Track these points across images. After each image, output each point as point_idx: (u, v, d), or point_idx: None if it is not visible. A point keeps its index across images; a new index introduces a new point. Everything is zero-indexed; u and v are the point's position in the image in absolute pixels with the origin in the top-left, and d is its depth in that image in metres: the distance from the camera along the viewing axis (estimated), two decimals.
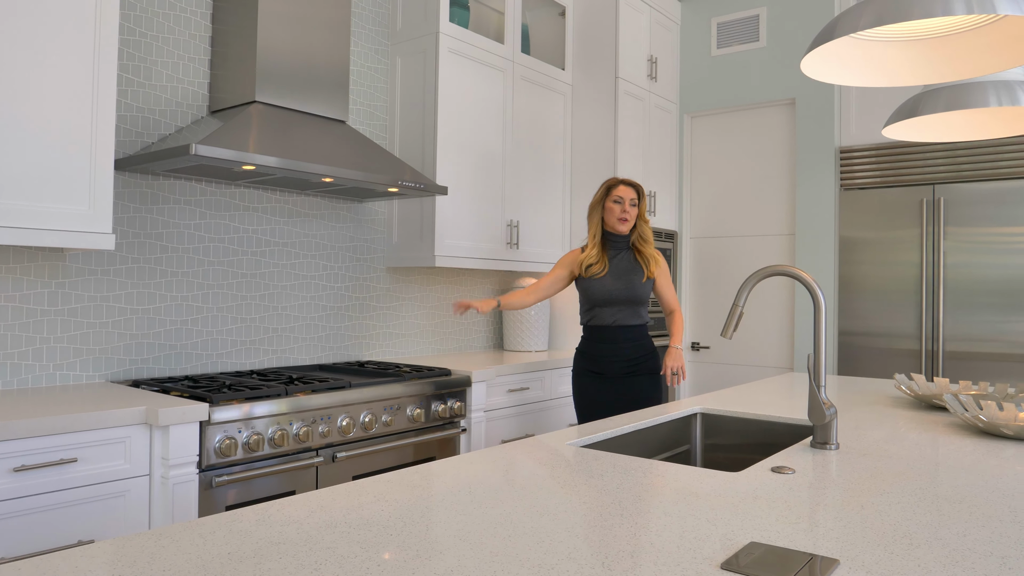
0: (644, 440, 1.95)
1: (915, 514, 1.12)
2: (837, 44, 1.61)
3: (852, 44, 1.62)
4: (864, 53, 1.64)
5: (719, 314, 4.58)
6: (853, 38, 1.60)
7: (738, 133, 4.53)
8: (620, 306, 2.97)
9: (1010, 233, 3.65)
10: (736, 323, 1.75)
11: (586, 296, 3.00)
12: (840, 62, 1.65)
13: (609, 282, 2.96)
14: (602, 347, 2.98)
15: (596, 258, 2.98)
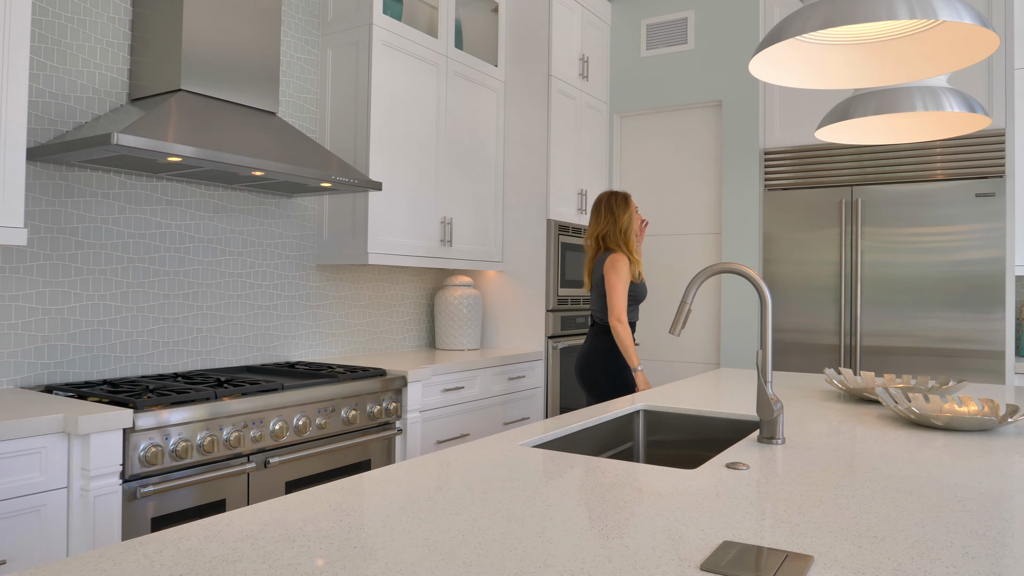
0: (590, 438, 1.94)
1: (872, 506, 1.14)
2: (781, 47, 1.64)
3: (795, 47, 1.65)
4: (806, 56, 1.67)
5: (648, 312, 4.64)
6: (797, 40, 1.63)
7: (666, 133, 4.60)
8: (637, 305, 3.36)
9: (922, 233, 3.83)
10: (684, 320, 1.76)
11: (636, 298, 3.29)
12: (783, 64, 1.68)
13: (644, 285, 3.36)
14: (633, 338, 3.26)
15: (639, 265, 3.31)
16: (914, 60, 1.57)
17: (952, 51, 1.49)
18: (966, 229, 3.76)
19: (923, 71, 1.56)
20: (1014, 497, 1.20)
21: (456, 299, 3.90)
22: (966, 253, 3.75)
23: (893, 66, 1.61)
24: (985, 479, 1.32)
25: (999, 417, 1.77)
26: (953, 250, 3.78)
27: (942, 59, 1.51)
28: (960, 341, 3.76)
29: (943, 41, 1.50)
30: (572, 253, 4.25)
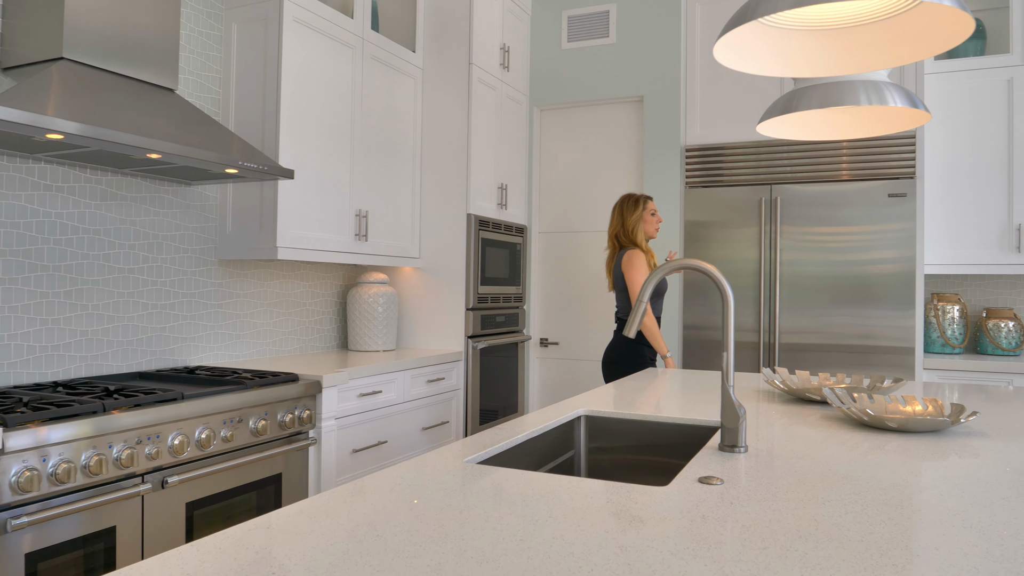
0: (534, 448, 1.79)
1: (872, 524, 1.03)
2: (747, 33, 1.53)
3: (760, 33, 1.55)
4: (771, 42, 1.57)
5: (567, 310, 4.55)
6: (763, 26, 1.53)
7: (587, 128, 4.52)
8: (660, 297, 3.57)
9: (837, 232, 3.89)
10: (640, 320, 1.63)
11: (657, 291, 3.50)
12: (748, 51, 1.58)
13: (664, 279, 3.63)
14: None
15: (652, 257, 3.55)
16: (884, 47, 1.49)
17: (925, 36, 1.42)
18: (879, 229, 3.83)
19: (893, 58, 1.49)
20: (1014, 508, 1.12)
21: (371, 297, 3.68)
22: (879, 252, 3.83)
23: (862, 53, 1.53)
24: (970, 488, 1.25)
25: (952, 418, 1.73)
26: (867, 249, 3.85)
27: (914, 45, 1.44)
28: (873, 338, 3.84)
29: (915, 26, 1.42)
30: (493, 249, 4.10)
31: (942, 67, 4.00)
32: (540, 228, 4.64)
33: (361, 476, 3.07)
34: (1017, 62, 3.91)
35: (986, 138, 3.96)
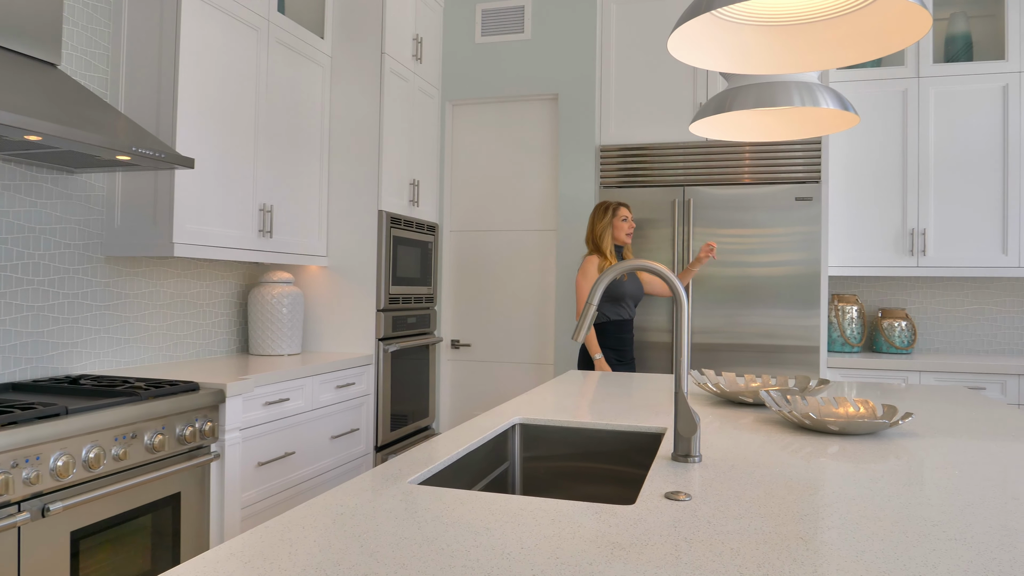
0: (469, 462, 1.67)
1: (860, 541, 0.97)
2: (702, 26, 1.46)
3: (716, 26, 1.49)
4: (726, 37, 1.51)
5: (480, 310, 4.44)
6: (718, 19, 1.47)
7: (501, 125, 4.42)
8: (635, 300, 3.70)
9: (747, 234, 3.95)
10: (589, 324, 1.54)
11: (615, 293, 3.62)
12: (701, 45, 1.51)
13: (630, 283, 3.68)
14: (625, 336, 3.68)
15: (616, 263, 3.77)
16: (840, 44, 1.46)
17: (882, 34, 1.39)
18: (787, 231, 3.92)
19: (849, 56, 1.45)
20: (983, 513, 1.10)
21: (275, 298, 3.44)
22: (786, 254, 3.92)
23: (816, 51, 1.49)
24: (934, 495, 1.22)
25: (889, 419, 1.73)
26: (775, 251, 3.93)
27: (871, 42, 1.41)
28: (780, 337, 3.93)
29: (872, 23, 1.39)
30: (405, 248, 3.94)
31: (844, 76, 4.14)
32: (452, 227, 4.51)
33: (267, 491, 2.85)
34: (911, 74, 4.09)
35: (884, 146, 4.13)
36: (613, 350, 3.64)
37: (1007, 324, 4.31)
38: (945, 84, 4.06)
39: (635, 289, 3.70)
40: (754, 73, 1.56)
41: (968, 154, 4.05)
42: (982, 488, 1.27)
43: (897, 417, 1.75)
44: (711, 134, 2.29)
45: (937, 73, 4.06)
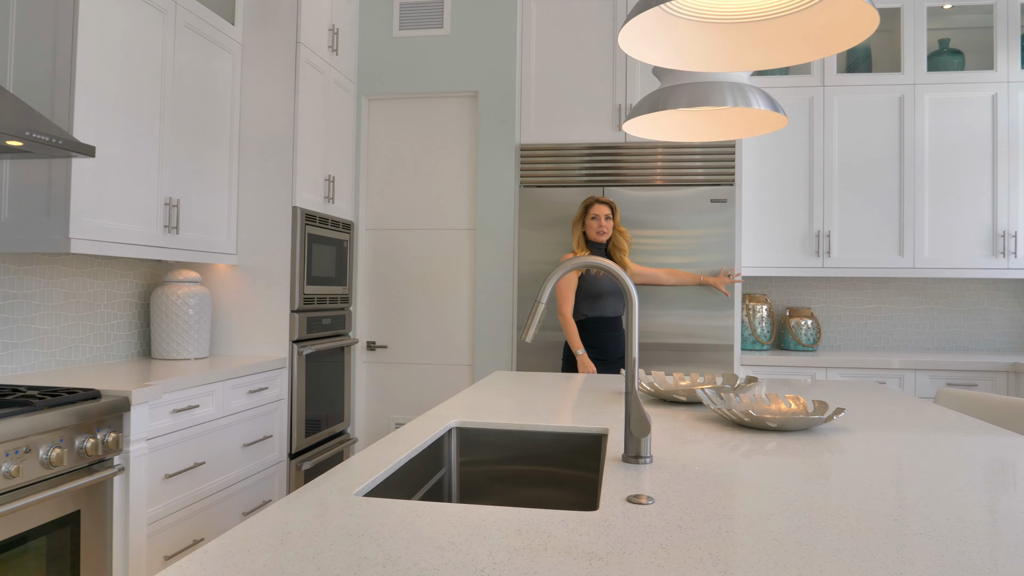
0: (409, 471, 1.59)
1: (833, 539, 0.96)
2: (652, 21, 1.44)
3: (666, 23, 1.46)
4: (675, 33, 1.50)
5: (396, 311, 4.33)
6: (668, 15, 1.45)
7: (420, 122, 4.33)
8: (617, 298, 3.60)
9: (665, 235, 4.01)
10: (537, 322, 1.49)
11: (592, 290, 3.56)
12: (651, 40, 1.49)
13: (608, 278, 3.58)
14: (608, 335, 3.58)
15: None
16: (789, 43, 1.46)
17: (829, 33, 1.40)
18: (702, 233, 4.00)
19: (798, 54, 1.46)
20: (944, 506, 1.11)
21: (180, 298, 3.24)
22: (702, 255, 4.00)
23: (765, 49, 1.49)
24: (885, 489, 1.23)
25: (824, 416, 1.76)
26: (691, 252, 4.00)
27: (820, 41, 1.42)
28: (696, 336, 4.00)
29: (819, 22, 1.40)
30: (321, 246, 3.79)
31: (755, 83, 4.26)
32: (368, 224, 4.38)
33: (176, 504, 2.66)
34: (816, 83, 4.26)
35: (792, 151, 4.28)
36: (593, 348, 3.57)
37: (903, 322, 4.54)
38: (848, 94, 4.25)
39: (616, 285, 3.63)
40: (700, 70, 1.55)
41: (869, 161, 4.24)
42: (926, 481, 1.30)
43: (831, 413, 1.79)
44: (643, 133, 2.29)
45: (841, 83, 4.24)
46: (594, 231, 3.61)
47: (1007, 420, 2.23)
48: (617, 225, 3.66)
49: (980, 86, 4.17)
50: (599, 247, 3.67)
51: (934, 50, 4.35)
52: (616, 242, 3.65)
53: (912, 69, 4.21)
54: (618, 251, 3.65)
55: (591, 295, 3.58)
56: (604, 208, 3.62)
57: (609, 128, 4.10)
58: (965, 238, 4.18)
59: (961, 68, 4.28)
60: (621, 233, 3.66)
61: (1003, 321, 4.48)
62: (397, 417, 4.30)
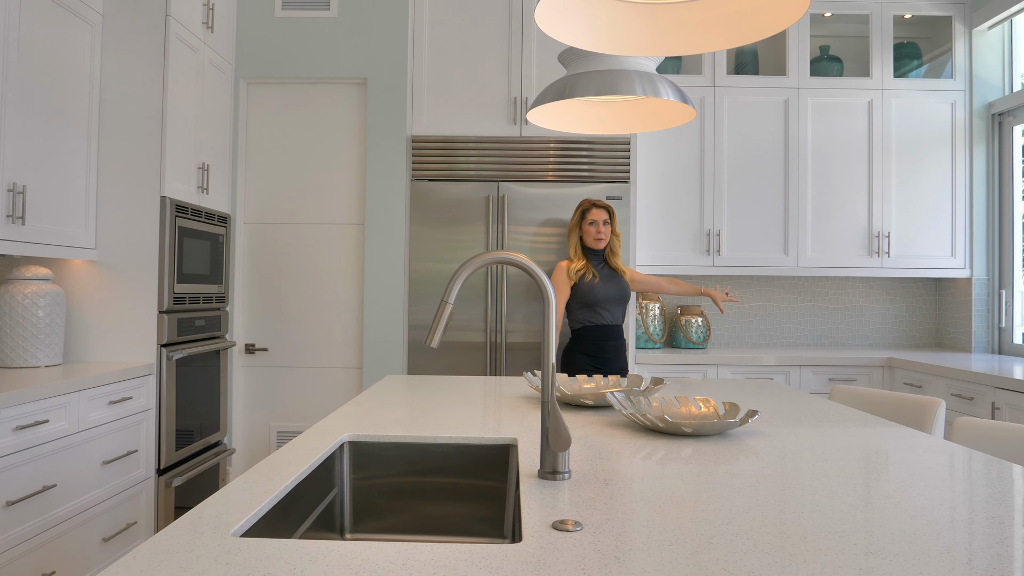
0: (296, 495, 1.40)
1: (787, 566, 0.87)
2: None
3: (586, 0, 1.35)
4: (596, 12, 1.38)
5: (278, 311, 4.04)
6: None
7: (304, 109, 4.06)
8: (616, 305, 3.45)
9: (560, 234, 3.94)
10: (445, 326, 1.34)
11: (587, 298, 3.40)
12: (570, 17, 1.37)
13: (606, 285, 3.43)
14: (606, 343, 3.43)
15: (583, 266, 3.44)
16: (713, 26, 1.38)
17: (757, 17, 1.32)
18: None
19: (722, 39, 1.38)
20: (891, 514, 1.04)
21: (28, 298, 2.86)
22: None
23: (687, 32, 1.40)
24: (812, 498, 1.16)
25: (738, 418, 1.70)
26: None
27: (746, 25, 1.34)
28: None
29: (747, 5, 1.32)
30: (193, 241, 3.47)
31: None
32: (246, 218, 4.07)
33: (20, 535, 2.32)
34: (707, 83, 4.30)
35: (684, 150, 4.31)
36: (591, 357, 3.42)
37: (787, 319, 4.68)
38: (737, 95, 4.32)
39: (614, 292, 3.45)
40: (620, 53, 1.44)
41: (757, 161, 4.33)
42: (855, 488, 1.24)
43: (745, 416, 1.73)
44: (548, 124, 2.18)
45: (730, 84, 4.31)
46: (592, 237, 3.46)
47: (895, 414, 2.27)
48: (614, 229, 3.54)
49: (857, 92, 4.34)
50: (597, 254, 3.52)
51: (816, 56, 4.50)
52: (612, 246, 3.54)
53: (796, 73, 4.33)
54: (613, 255, 3.54)
55: (587, 302, 3.41)
56: (602, 213, 3.48)
57: (504, 121, 3.98)
58: (844, 238, 4.34)
59: (840, 74, 4.44)
60: (616, 237, 3.55)
61: (877, 318, 4.70)
62: (279, 425, 4.02)
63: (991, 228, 4.36)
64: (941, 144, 4.36)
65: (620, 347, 3.47)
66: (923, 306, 4.72)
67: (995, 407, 3.20)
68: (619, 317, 3.49)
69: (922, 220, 4.36)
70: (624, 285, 3.51)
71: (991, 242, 4.36)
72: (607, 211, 3.50)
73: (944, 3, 4.37)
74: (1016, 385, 3.06)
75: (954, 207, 4.35)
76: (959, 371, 3.44)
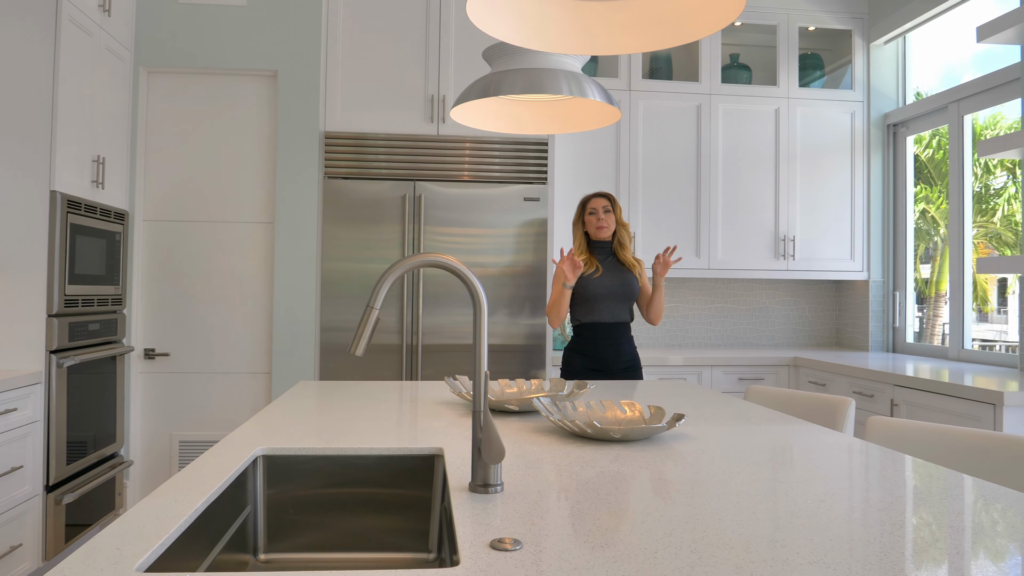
0: (209, 517, 1.29)
1: (737, 573, 0.84)
2: None
3: None
4: (527, 9, 1.33)
5: (180, 314, 3.83)
6: None
7: (211, 101, 3.86)
8: (617, 302, 3.17)
9: (477, 234, 3.89)
10: (371, 332, 1.26)
11: (585, 293, 3.14)
12: (503, 11, 1.32)
13: (607, 280, 3.16)
14: (605, 344, 3.16)
15: (585, 261, 3.18)
16: (644, 26, 1.35)
17: (689, 17, 1.31)
18: (516, 232, 3.93)
19: (654, 40, 1.36)
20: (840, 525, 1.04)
21: None
22: (516, 255, 3.92)
23: (617, 32, 1.37)
24: (758, 506, 1.15)
25: (666, 423, 1.69)
26: (505, 251, 3.92)
27: (678, 26, 1.32)
28: (510, 337, 3.92)
29: (680, 5, 1.31)
30: (87, 239, 3.23)
31: None
32: (147, 215, 3.83)
33: None
34: (623, 87, 4.35)
35: (600, 152, 4.34)
36: (588, 357, 3.16)
37: (698, 320, 4.78)
38: (652, 99, 4.38)
39: (614, 287, 3.15)
40: (549, 50, 1.41)
41: (670, 165, 4.41)
42: (788, 492, 1.24)
43: (672, 420, 1.73)
44: (472, 122, 2.12)
45: (645, 88, 4.36)
46: (593, 227, 3.19)
47: (809, 413, 2.33)
48: (620, 219, 3.25)
49: (765, 100, 4.48)
50: (603, 246, 3.23)
51: (726, 63, 4.62)
52: (620, 238, 3.25)
53: (708, 80, 4.43)
54: (621, 248, 3.24)
55: (585, 298, 3.15)
56: (602, 200, 3.23)
57: (421, 119, 3.90)
58: (753, 241, 4.46)
59: (749, 82, 4.57)
60: (624, 227, 3.25)
61: (782, 318, 4.86)
62: (182, 435, 3.81)
63: (886, 233, 4.59)
64: (842, 152, 4.55)
65: (621, 347, 3.19)
66: (824, 307, 4.92)
67: (894, 403, 3.35)
68: (621, 315, 3.19)
69: (824, 224, 4.54)
70: (630, 280, 3.20)
71: (886, 246, 4.59)
72: (607, 199, 3.25)
73: (845, 17, 4.56)
74: (913, 383, 3.21)
75: (853, 212, 4.55)
76: (860, 370, 3.59)
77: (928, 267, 4.67)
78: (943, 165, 4.61)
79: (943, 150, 6.80)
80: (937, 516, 1.13)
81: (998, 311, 5.32)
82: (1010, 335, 5.68)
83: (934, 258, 4.85)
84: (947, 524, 1.09)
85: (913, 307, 4.54)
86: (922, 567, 0.91)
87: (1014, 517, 1.13)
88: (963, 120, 3.99)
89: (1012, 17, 3.14)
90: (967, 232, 3.95)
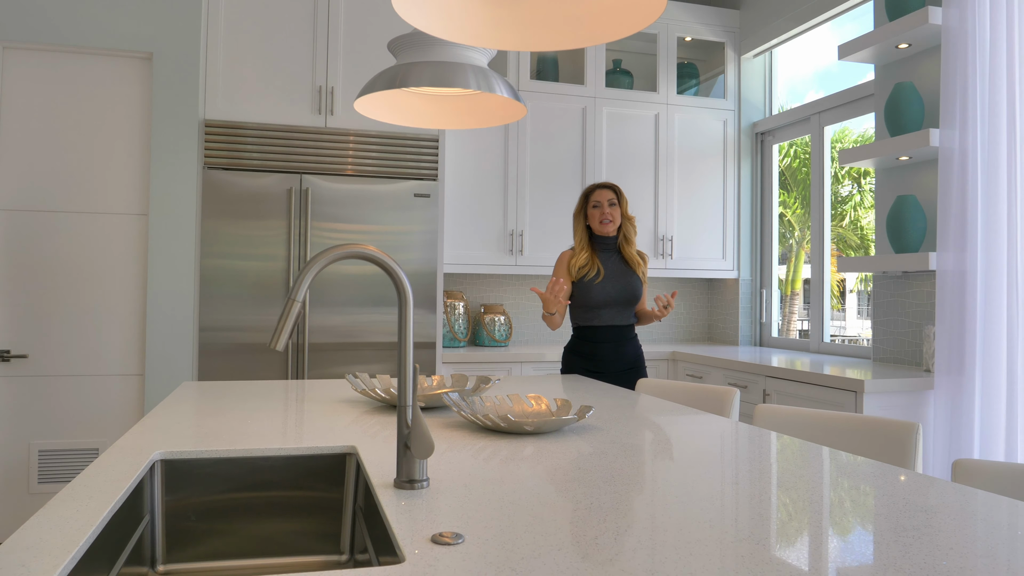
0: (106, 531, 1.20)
1: (681, 559, 0.88)
2: None
3: None
4: None
5: (40, 312, 3.53)
6: None
7: (76, 82, 3.57)
8: (619, 307, 3.06)
9: (367, 230, 3.82)
10: (293, 326, 1.21)
11: (585, 300, 3.04)
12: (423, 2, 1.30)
13: (608, 285, 3.04)
14: (604, 347, 3.07)
15: (586, 261, 3.05)
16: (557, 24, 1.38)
17: (607, 17, 1.34)
18: (406, 229, 3.89)
19: (567, 38, 1.38)
20: None
21: None
22: (407, 252, 3.88)
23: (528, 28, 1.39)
24: (691, 495, 1.20)
25: (577, 415, 1.73)
26: (396, 248, 3.87)
27: (594, 25, 1.35)
28: None
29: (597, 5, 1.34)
30: None
31: None
32: (1, 203, 3.50)
33: None
34: None
35: (490, 150, 4.37)
36: (587, 359, 3.09)
37: None
38: (539, 100, 4.45)
39: (617, 293, 3.04)
40: (470, 44, 1.40)
41: (557, 165, 4.50)
42: (701, 474, 1.30)
43: (581, 411, 1.77)
44: (376, 115, 2.08)
45: (533, 89, 4.43)
46: (597, 221, 3.05)
47: (699, 402, 2.45)
48: (625, 212, 3.11)
49: (646, 105, 4.65)
50: (608, 241, 3.10)
51: (610, 68, 4.76)
52: (626, 232, 3.12)
53: (593, 83, 4.55)
54: (627, 244, 3.12)
55: (585, 304, 3.06)
56: (607, 192, 3.07)
57: (309, 111, 3.78)
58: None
59: (631, 87, 4.74)
60: (629, 221, 3.13)
61: None
62: (42, 443, 3.50)
63: (755, 234, 4.88)
64: (716, 157, 4.80)
65: (622, 348, 3.10)
66: (699, 304, 5.17)
67: (766, 393, 3.57)
68: (624, 317, 3.11)
69: (700, 225, 4.77)
70: (634, 283, 3.10)
71: (755, 246, 4.88)
72: (613, 190, 3.10)
73: (719, 30, 4.81)
74: (784, 373, 3.44)
75: (725, 214, 4.81)
76: (735, 362, 3.80)
77: (784, 268, 5.02)
78: (799, 173, 4.97)
79: (799, 159, 7.33)
80: (821, 477, 1.22)
81: (840, 310, 5.73)
82: (848, 330, 6.17)
83: (789, 259, 5.19)
84: (831, 482, 1.18)
85: (777, 304, 4.86)
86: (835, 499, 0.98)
87: (872, 470, 1.24)
88: (824, 131, 4.31)
89: (869, 38, 3.43)
90: (827, 234, 4.27)
